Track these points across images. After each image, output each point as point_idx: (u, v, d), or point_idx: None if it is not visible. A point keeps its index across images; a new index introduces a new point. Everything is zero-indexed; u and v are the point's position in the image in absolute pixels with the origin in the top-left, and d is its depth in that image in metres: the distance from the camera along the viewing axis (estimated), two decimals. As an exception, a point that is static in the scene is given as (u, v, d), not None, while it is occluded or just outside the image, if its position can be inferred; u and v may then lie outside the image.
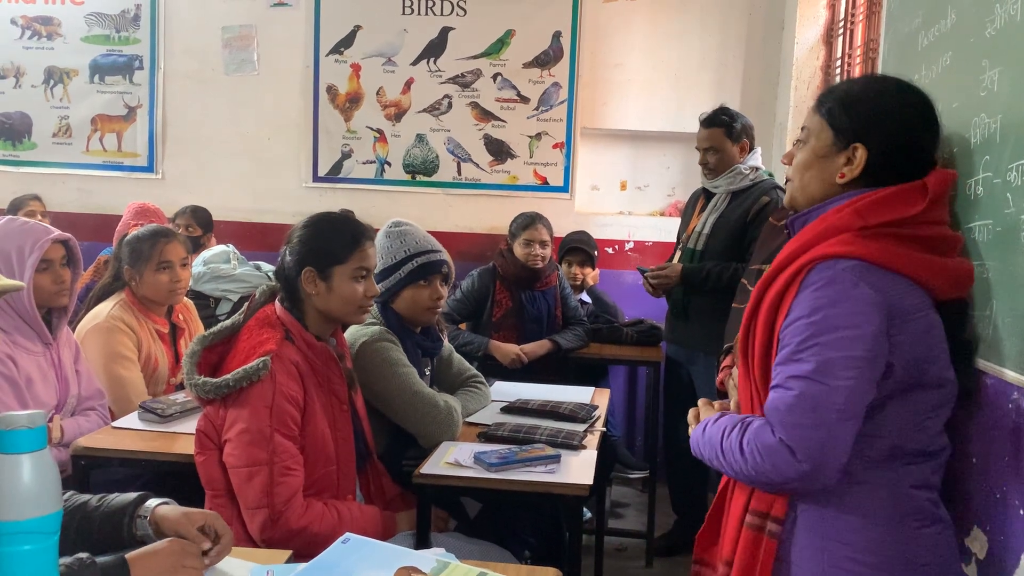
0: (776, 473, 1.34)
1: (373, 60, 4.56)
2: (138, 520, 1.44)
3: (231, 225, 4.53)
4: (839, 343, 1.32)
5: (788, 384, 1.34)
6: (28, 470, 1.01)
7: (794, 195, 1.52)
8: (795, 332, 1.35)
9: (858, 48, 3.61)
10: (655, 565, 3.50)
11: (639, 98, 4.48)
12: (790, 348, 1.35)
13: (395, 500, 2.21)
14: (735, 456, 1.38)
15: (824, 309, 1.33)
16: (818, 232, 1.42)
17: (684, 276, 3.25)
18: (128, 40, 4.68)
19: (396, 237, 2.41)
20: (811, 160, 1.49)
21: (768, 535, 1.39)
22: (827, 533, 1.38)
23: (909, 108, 1.47)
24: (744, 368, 1.48)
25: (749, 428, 1.39)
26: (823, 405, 1.31)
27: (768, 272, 1.45)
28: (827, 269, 1.36)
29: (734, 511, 1.47)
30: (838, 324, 1.32)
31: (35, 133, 4.75)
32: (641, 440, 4.52)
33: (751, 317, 1.46)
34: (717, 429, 1.45)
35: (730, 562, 1.44)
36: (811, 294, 1.35)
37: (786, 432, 1.32)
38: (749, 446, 1.36)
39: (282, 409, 1.88)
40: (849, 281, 1.34)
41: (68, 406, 2.44)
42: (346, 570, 1.38)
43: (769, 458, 1.33)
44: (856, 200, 1.42)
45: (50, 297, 2.39)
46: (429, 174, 4.59)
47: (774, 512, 1.40)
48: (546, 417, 2.49)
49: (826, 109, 1.49)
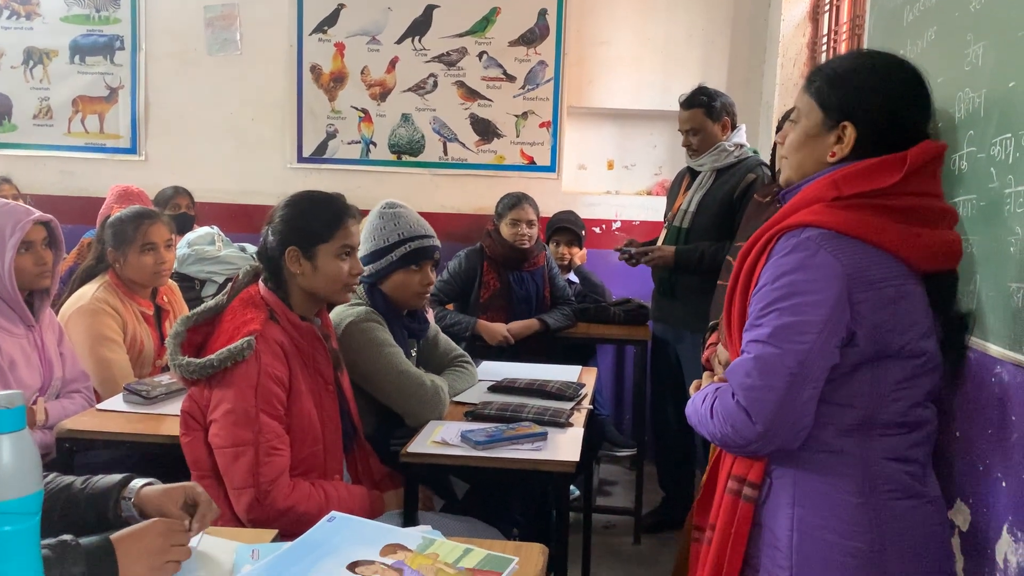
0: (737, 435, 1.39)
1: (357, 39, 4.52)
2: (123, 502, 1.43)
3: (215, 207, 4.49)
4: (795, 308, 1.36)
5: (747, 348, 1.40)
6: (7, 451, 1.00)
7: (789, 175, 1.54)
8: (759, 299, 1.40)
9: (844, 25, 3.60)
10: (643, 542, 3.53)
11: (626, 76, 4.46)
12: (753, 315, 1.40)
13: (383, 480, 2.21)
14: (708, 421, 1.44)
15: (785, 276, 1.37)
16: (794, 204, 1.46)
17: (677, 260, 3.25)
18: (108, 20, 4.62)
19: (390, 219, 2.40)
20: (803, 140, 1.51)
21: (744, 499, 1.44)
22: (798, 498, 1.41)
23: (896, 83, 1.47)
24: (729, 340, 1.51)
25: (719, 393, 1.44)
26: (775, 368, 1.35)
27: (746, 245, 1.48)
28: (792, 237, 1.40)
29: (721, 477, 1.51)
30: (796, 290, 1.36)
31: (15, 115, 4.69)
32: (629, 418, 4.54)
33: (731, 290, 1.49)
34: (700, 396, 1.51)
35: (713, 525, 1.49)
36: (776, 262, 1.39)
37: (743, 395, 1.38)
38: (716, 410, 1.43)
39: (267, 389, 1.87)
40: (811, 248, 1.37)
41: (52, 388, 2.43)
42: (332, 548, 1.38)
43: (730, 420, 1.39)
44: (835, 172, 1.44)
45: (32, 279, 2.37)
46: (415, 154, 4.57)
47: (751, 477, 1.44)
48: (533, 396, 2.49)
49: (814, 88, 1.50)
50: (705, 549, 1.50)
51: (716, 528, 1.47)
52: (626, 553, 3.45)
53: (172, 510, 1.40)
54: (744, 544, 1.44)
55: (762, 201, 2.65)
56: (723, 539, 1.46)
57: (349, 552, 1.37)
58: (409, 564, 1.34)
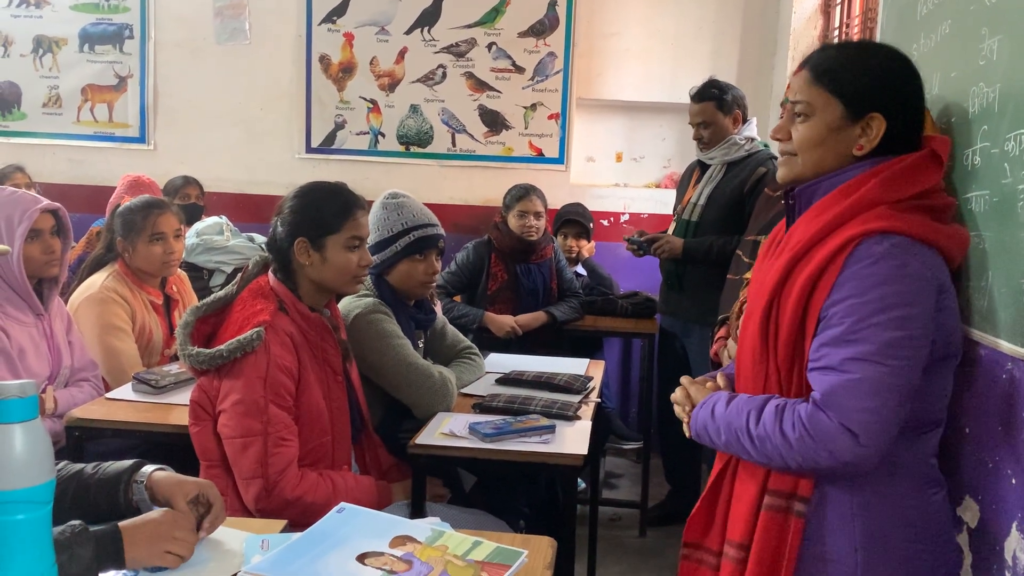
0: (831, 458, 1.30)
1: (366, 29, 4.50)
2: (134, 485, 1.44)
3: (224, 196, 4.49)
4: (895, 323, 1.29)
5: (845, 367, 1.30)
6: (20, 440, 1.00)
7: (803, 171, 1.45)
8: (846, 312, 1.31)
9: (856, 17, 3.58)
10: (648, 535, 3.53)
11: (635, 68, 4.44)
12: (842, 328, 1.31)
13: (390, 471, 2.21)
14: (773, 442, 1.33)
15: (878, 288, 1.29)
16: (848, 206, 1.36)
17: (686, 250, 3.24)
18: (118, 8, 4.61)
19: (393, 209, 2.40)
20: (823, 135, 1.42)
21: (796, 515, 1.37)
22: (857, 508, 1.37)
23: (913, 74, 1.45)
24: (761, 347, 1.41)
25: (793, 413, 1.33)
26: (886, 388, 1.29)
27: (795, 249, 1.38)
28: (875, 245, 1.32)
29: (744, 495, 1.43)
30: (893, 303, 1.29)
31: (24, 103, 4.70)
32: (635, 411, 4.54)
33: (773, 295, 1.39)
34: (737, 414, 1.40)
35: (744, 545, 1.40)
36: (860, 271, 1.31)
37: (848, 416, 1.28)
38: (797, 431, 1.31)
39: (276, 379, 1.87)
40: (900, 258, 1.31)
41: (61, 377, 2.44)
42: (341, 539, 1.38)
43: (825, 443, 1.29)
44: (876, 171, 1.39)
45: (40, 267, 2.38)
46: (423, 145, 4.56)
47: (800, 492, 1.37)
48: (541, 388, 2.49)
49: (829, 80, 1.42)
50: (733, 570, 1.42)
51: (755, 548, 1.38)
52: (632, 546, 3.45)
53: (179, 503, 1.40)
54: (796, 561, 1.37)
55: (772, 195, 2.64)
56: (767, 558, 1.38)
57: (359, 543, 1.37)
58: (418, 556, 1.34)
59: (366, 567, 1.31)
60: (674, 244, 3.28)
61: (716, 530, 1.49)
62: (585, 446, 2.06)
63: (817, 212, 1.41)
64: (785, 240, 1.45)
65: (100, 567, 1.26)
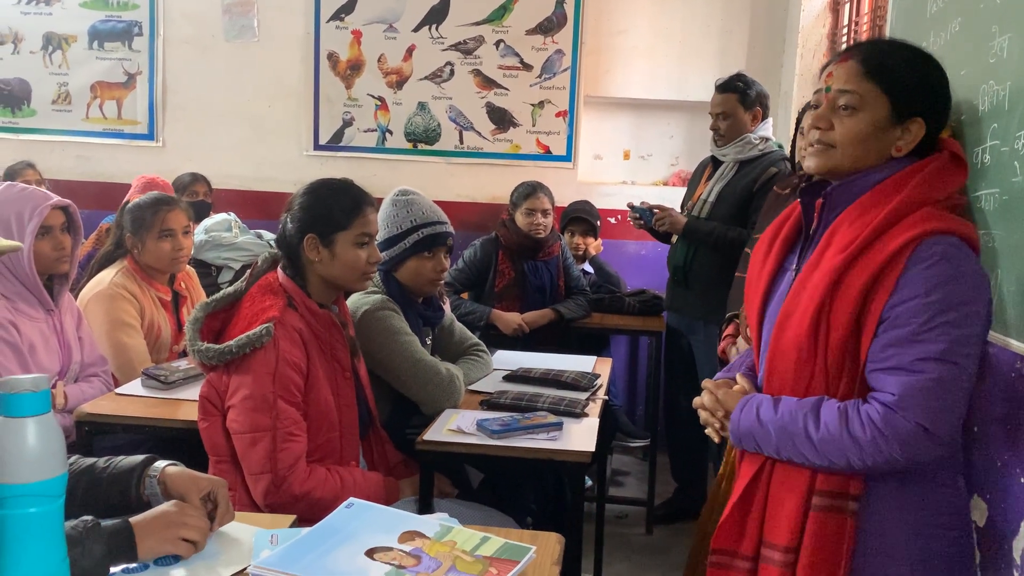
0: (906, 457, 1.32)
1: (374, 26, 4.51)
2: (147, 479, 1.45)
3: (232, 193, 4.50)
4: (959, 321, 1.31)
5: (917, 367, 1.31)
6: (33, 433, 1.01)
7: (840, 164, 1.44)
8: (913, 312, 1.32)
9: (865, 15, 3.57)
10: (655, 532, 3.53)
11: (643, 66, 4.44)
12: (910, 329, 1.32)
13: (398, 467, 2.22)
14: (839, 445, 1.34)
15: (941, 287, 1.31)
16: (896, 206, 1.37)
17: (687, 229, 3.24)
18: (127, 6, 4.63)
19: (403, 206, 2.40)
20: (868, 131, 1.41)
21: (850, 513, 1.38)
22: (906, 502, 1.39)
23: (948, 82, 1.46)
24: (810, 347, 1.40)
25: (860, 415, 1.34)
26: (957, 386, 1.32)
27: (848, 249, 1.37)
28: (934, 245, 1.33)
29: (785, 498, 1.42)
30: (956, 301, 1.31)
31: (34, 100, 4.72)
32: (642, 409, 4.54)
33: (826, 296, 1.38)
34: (791, 419, 1.39)
35: (791, 548, 1.40)
36: (925, 272, 1.32)
37: (926, 416, 1.30)
38: (869, 433, 1.32)
39: (285, 375, 1.88)
40: (958, 258, 1.34)
41: (71, 372, 2.45)
42: (350, 534, 1.39)
43: (902, 444, 1.31)
44: (911, 172, 1.40)
45: (50, 264, 2.39)
46: (431, 143, 4.56)
47: (852, 490, 1.38)
48: (548, 385, 2.49)
49: (883, 78, 1.41)
50: (779, 573, 1.41)
51: (807, 549, 1.38)
52: (638, 543, 3.46)
53: (193, 499, 1.41)
54: (850, 559, 1.38)
55: (781, 193, 2.64)
56: (823, 558, 1.38)
57: (367, 538, 1.38)
58: (427, 551, 1.35)
59: (375, 562, 1.31)
60: (676, 219, 3.27)
61: (750, 535, 1.47)
62: (592, 443, 2.07)
63: (860, 212, 1.41)
64: (825, 240, 1.43)
65: (112, 562, 1.27)
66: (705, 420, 1.57)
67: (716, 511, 2.21)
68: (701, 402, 1.58)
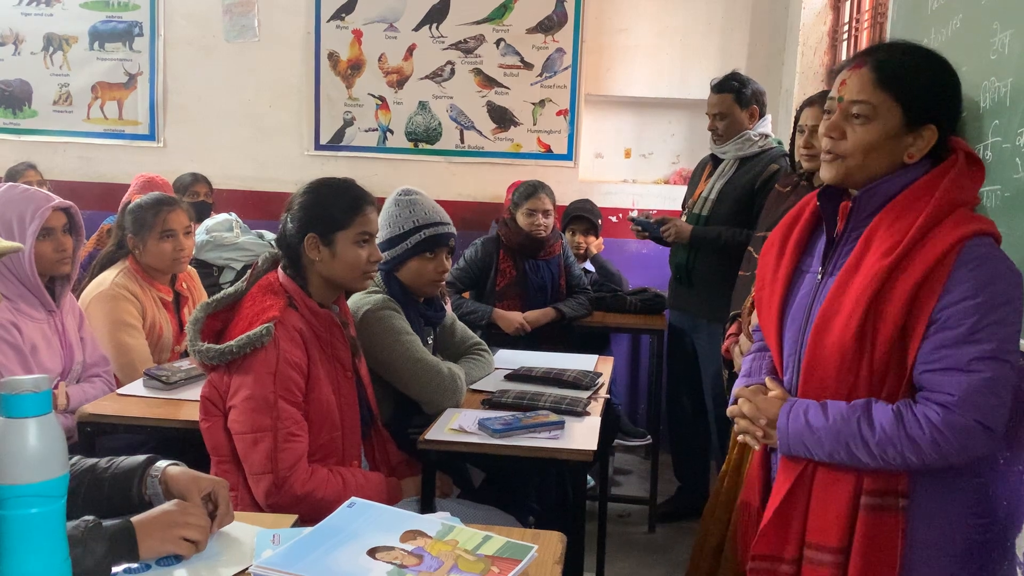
0: (965, 454, 1.35)
1: (375, 26, 4.51)
2: (148, 479, 1.45)
3: (233, 193, 4.51)
4: (1006, 319, 1.35)
5: (974, 367, 1.34)
6: (34, 434, 1.01)
7: (850, 173, 1.45)
8: (964, 313, 1.34)
9: (866, 12, 3.56)
10: (657, 531, 3.53)
11: (644, 64, 4.43)
12: (963, 329, 1.34)
13: (400, 466, 2.22)
14: (897, 447, 1.36)
15: (988, 287, 1.34)
16: (935, 209, 1.38)
17: (694, 238, 3.23)
18: (127, 6, 4.63)
19: (405, 206, 2.40)
20: (880, 141, 1.42)
21: (901, 511, 1.40)
22: (947, 494, 1.41)
23: (960, 86, 1.46)
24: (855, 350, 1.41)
25: (917, 416, 1.36)
26: (1009, 382, 1.35)
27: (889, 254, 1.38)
28: (978, 247, 1.36)
29: (832, 500, 1.44)
30: (1002, 301, 1.35)
31: (35, 101, 4.72)
32: (643, 408, 4.54)
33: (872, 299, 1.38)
34: (844, 423, 1.40)
35: (842, 549, 1.42)
36: (971, 274, 1.35)
37: (984, 414, 1.33)
38: (928, 434, 1.34)
39: (286, 375, 1.88)
40: (998, 257, 1.37)
41: (73, 373, 2.45)
42: (352, 533, 1.39)
43: (963, 442, 1.33)
44: (939, 174, 1.42)
45: (52, 265, 2.39)
46: (432, 142, 4.56)
47: (901, 488, 1.40)
48: (550, 384, 2.49)
49: (896, 88, 1.41)
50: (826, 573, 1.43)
51: (859, 548, 1.40)
52: (640, 542, 3.45)
53: (195, 498, 1.41)
54: (903, 555, 1.40)
55: (782, 191, 2.63)
56: (877, 556, 1.40)
57: (369, 538, 1.37)
58: (429, 551, 1.35)
59: (377, 561, 1.31)
60: (682, 229, 3.27)
61: (793, 539, 1.48)
62: (594, 442, 2.07)
63: (896, 215, 1.41)
64: (863, 245, 1.43)
65: (114, 562, 1.27)
66: (745, 428, 1.57)
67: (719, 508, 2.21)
68: (739, 410, 1.58)
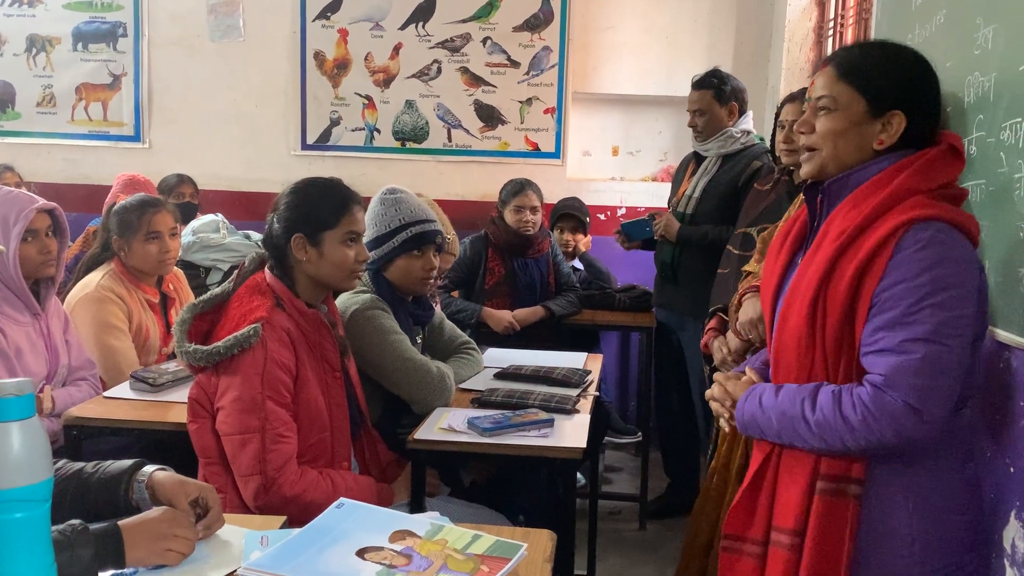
0: (896, 436, 1.35)
1: (360, 25, 4.50)
2: (135, 484, 1.44)
3: (219, 194, 4.49)
4: (948, 303, 1.34)
5: (905, 348, 1.34)
6: (17, 438, 1.00)
7: (824, 164, 1.49)
8: (900, 295, 1.35)
9: (851, 9, 3.58)
10: (648, 528, 3.54)
11: (631, 62, 4.44)
12: (897, 311, 1.35)
13: (390, 466, 2.21)
14: (833, 427, 1.38)
15: (928, 271, 1.35)
16: (886, 196, 1.41)
17: (680, 237, 3.24)
18: (111, 7, 4.60)
19: (391, 204, 2.39)
20: (846, 128, 1.46)
21: (852, 497, 1.41)
22: (910, 485, 1.41)
23: (932, 75, 1.48)
24: (808, 335, 1.44)
25: (851, 396, 1.38)
26: (946, 365, 1.34)
27: (840, 239, 1.41)
28: (921, 231, 1.37)
29: (792, 483, 1.46)
30: (945, 284, 1.35)
31: (18, 103, 4.68)
32: (633, 405, 4.54)
33: (821, 285, 1.42)
34: (790, 403, 1.43)
35: (798, 531, 1.43)
36: (911, 256, 1.36)
37: (913, 395, 1.33)
38: (859, 414, 1.35)
39: (274, 376, 1.87)
40: (946, 243, 1.36)
41: (59, 376, 2.43)
42: (341, 534, 1.38)
43: (891, 423, 1.34)
44: (904, 164, 1.43)
45: (36, 267, 2.37)
46: (419, 141, 4.56)
47: (855, 474, 1.41)
48: (539, 382, 2.49)
49: (855, 78, 1.46)
50: (787, 557, 1.44)
51: (812, 532, 1.42)
52: (631, 539, 3.46)
53: (182, 504, 1.41)
54: (854, 542, 1.41)
55: (761, 189, 2.64)
56: (826, 541, 1.41)
57: (358, 538, 1.37)
58: (418, 550, 1.34)
59: (366, 562, 1.31)
60: (671, 223, 3.27)
61: (760, 520, 1.51)
62: (584, 439, 2.07)
63: (854, 204, 1.44)
64: (822, 232, 1.47)
65: (100, 567, 1.26)
66: (716, 411, 1.62)
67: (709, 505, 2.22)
68: (711, 394, 1.63)
